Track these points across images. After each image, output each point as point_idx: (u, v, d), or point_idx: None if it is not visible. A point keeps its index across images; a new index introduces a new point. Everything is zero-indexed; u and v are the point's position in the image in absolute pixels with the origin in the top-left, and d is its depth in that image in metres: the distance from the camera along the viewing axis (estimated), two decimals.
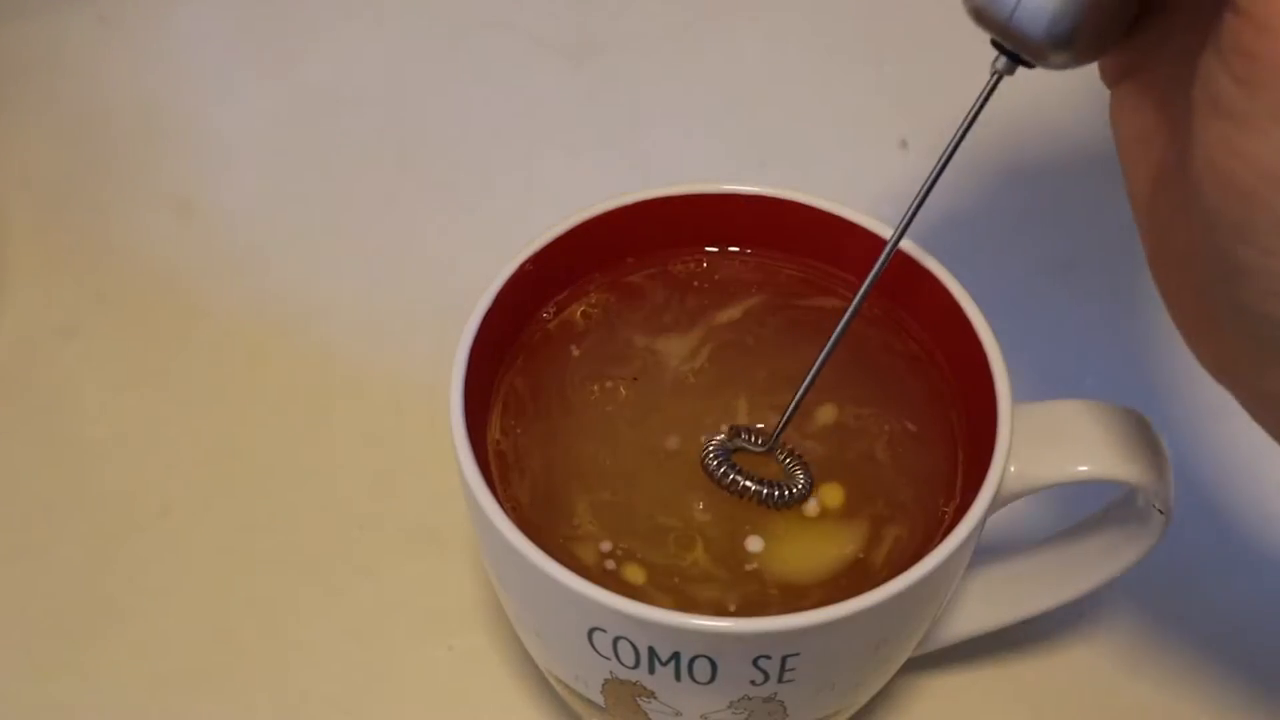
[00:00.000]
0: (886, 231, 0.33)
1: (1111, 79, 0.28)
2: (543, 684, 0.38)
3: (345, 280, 0.47)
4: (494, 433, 0.32)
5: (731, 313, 0.35)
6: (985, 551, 0.35)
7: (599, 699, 0.32)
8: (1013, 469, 0.30)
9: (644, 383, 0.34)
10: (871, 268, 0.31)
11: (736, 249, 0.36)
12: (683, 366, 0.34)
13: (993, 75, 0.29)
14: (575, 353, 0.34)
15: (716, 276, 0.35)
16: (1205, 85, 0.23)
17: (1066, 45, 0.27)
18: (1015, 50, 0.28)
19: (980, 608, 0.36)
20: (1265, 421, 0.26)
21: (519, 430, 0.32)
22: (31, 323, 0.46)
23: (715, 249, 0.36)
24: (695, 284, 0.35)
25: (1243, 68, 0.22)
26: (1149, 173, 0.27)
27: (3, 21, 0.53)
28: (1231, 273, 0.24)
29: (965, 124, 0.30)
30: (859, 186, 0.42)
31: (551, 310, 0.34)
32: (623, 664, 0.29)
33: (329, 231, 0.48)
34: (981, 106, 0.29)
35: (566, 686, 0.33)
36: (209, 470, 0.43)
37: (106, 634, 0.39)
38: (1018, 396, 0.31)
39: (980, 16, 0.28)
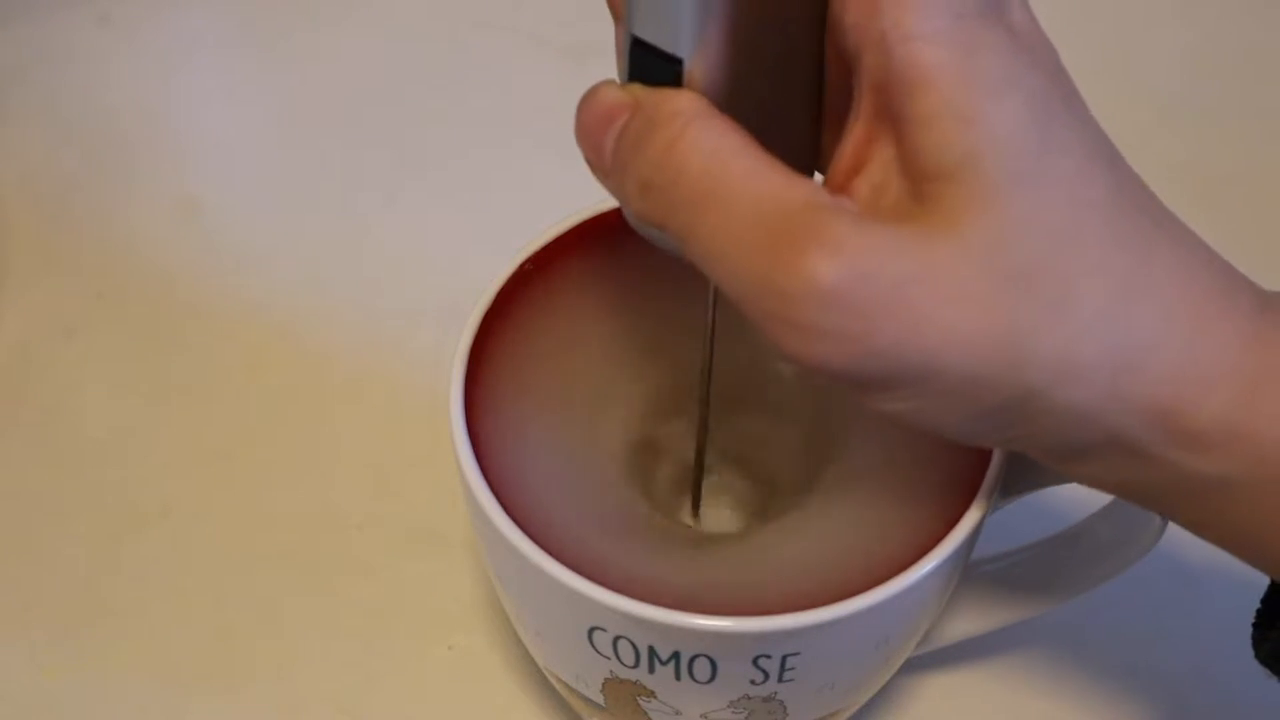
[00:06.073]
0: None
1: None
2: (543, 684, 0.38)
3: (345, 280, 0.47)
4: (494, 431, 0.32)
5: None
6: (985, 551, 0.35)
7: (599, 698, 0.32)
8: (1013, 468, 0.30)
9: (644, 382, 0.34)
10: None
11: None
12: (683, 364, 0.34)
13: None
14: (575, 352, 0.34)
15: None
16: None
17: None
18: None
19: (980, 608, 0.36)
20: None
21: (520, 429, 0.32)
22: (32, 323, 0.46)
23: None
24: (697, 282, 0.35)
25: None
26: None
27: (3, 22, 0.53)
28: None
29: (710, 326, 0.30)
30: None
31: (551, 309, 0.34)
32: (623, 663, 0.29)
33: (329, 231, 0.48)
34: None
35: (566, 686, 0.33)
36: (209, 470, 0.43)
37: (107, 634, 0.39)
38: None
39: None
